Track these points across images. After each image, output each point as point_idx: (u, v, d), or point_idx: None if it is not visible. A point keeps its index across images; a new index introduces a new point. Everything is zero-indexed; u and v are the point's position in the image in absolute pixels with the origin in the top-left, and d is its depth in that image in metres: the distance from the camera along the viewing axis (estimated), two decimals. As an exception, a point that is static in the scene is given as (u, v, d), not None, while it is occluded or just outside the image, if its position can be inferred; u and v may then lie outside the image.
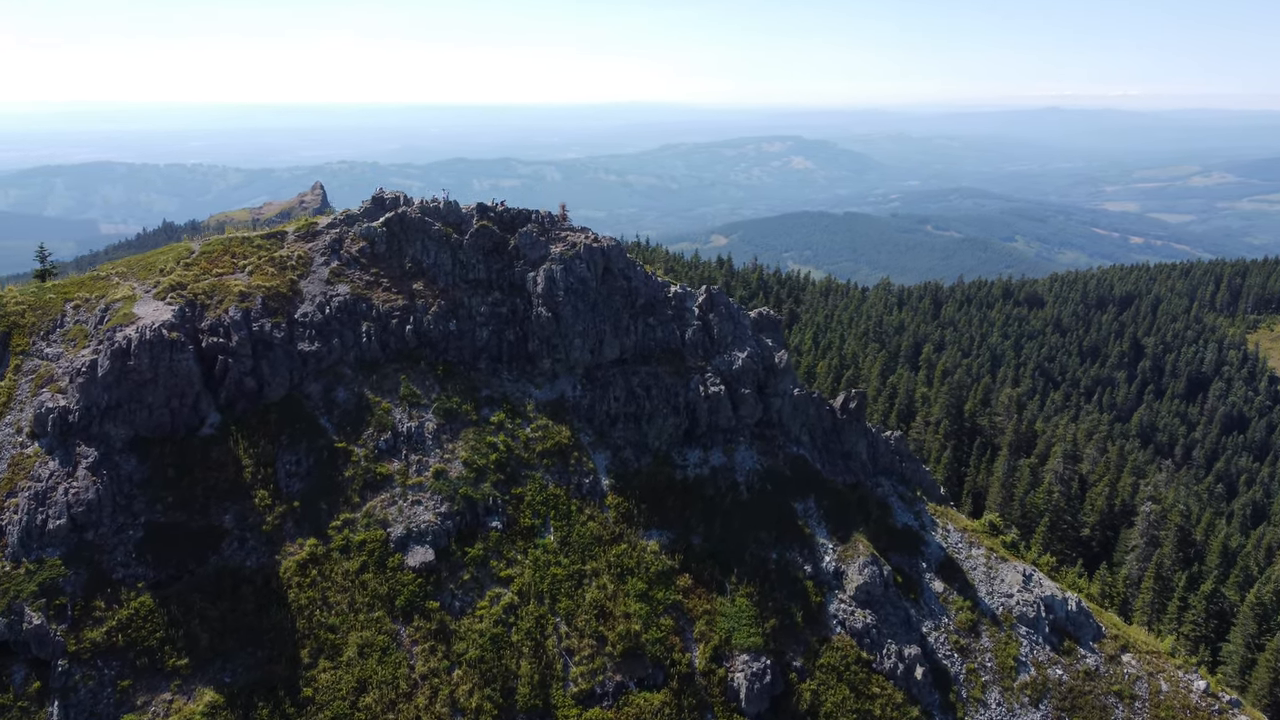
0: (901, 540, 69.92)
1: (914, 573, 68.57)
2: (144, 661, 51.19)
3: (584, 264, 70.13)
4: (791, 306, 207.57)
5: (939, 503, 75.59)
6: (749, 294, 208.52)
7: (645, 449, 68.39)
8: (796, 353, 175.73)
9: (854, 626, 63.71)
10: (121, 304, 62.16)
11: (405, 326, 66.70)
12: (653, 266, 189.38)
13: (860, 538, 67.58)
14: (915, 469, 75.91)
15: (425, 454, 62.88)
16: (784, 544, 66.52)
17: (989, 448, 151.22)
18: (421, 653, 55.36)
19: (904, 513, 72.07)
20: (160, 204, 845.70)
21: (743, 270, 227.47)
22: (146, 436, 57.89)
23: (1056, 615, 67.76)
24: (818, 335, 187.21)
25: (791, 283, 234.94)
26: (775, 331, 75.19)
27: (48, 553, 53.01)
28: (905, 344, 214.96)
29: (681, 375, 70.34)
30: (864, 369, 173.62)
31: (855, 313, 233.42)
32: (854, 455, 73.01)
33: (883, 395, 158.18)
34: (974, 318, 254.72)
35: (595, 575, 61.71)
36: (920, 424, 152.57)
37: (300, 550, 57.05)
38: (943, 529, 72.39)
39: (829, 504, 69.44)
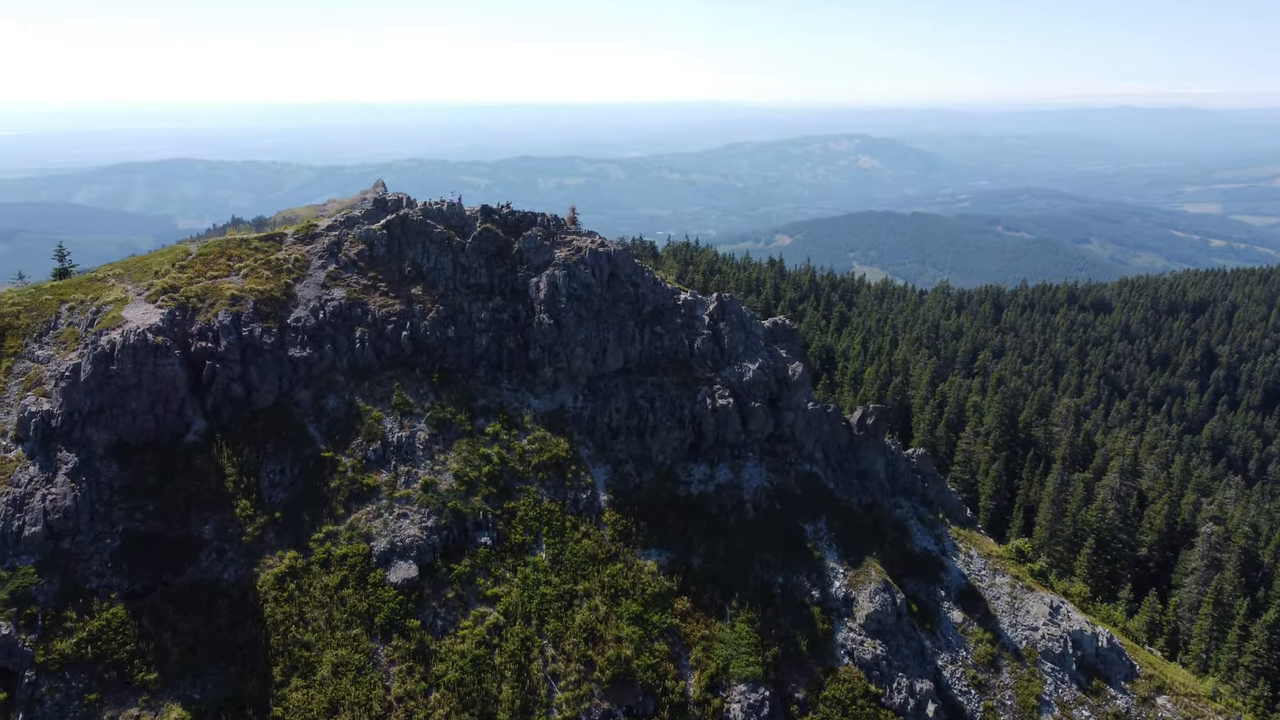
0: (919, 566, 65.94)
1: (931, 601, 64.56)
2: (113, 675, 49.89)
3: (588, 269, 67.46)
4: (843, 310, 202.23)
5: (964, 526, 71.32)
6: (799, 296, 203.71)
7: (648, 463, 65.51)
8: (844, 358, 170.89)
9: (863, 657, 60.03)
10: (112, 306, 61.25)
11: (401, 332, 64.76)
12: (696, 268, 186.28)
13: (873, 562, 63.80)
14: (939, 489, 71.73)
15: (415, 465, 60.83)
16: (791, 567, 63.06)
17: (1043, 460, 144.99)
18: (399, 673, 53.25)
19: (923, 536, 68.03)
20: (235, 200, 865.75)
21: (793, 272, 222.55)
22: (130, 443, 56.77)
23: (1085, 651, 63.19)
24: (867, 340, 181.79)
25: (845, 285, 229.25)
26: (791, 342, 71.64)
27: (22, 560, 52.07)
28: (963, 349, 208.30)
29: (688, 387, 67.25)
30: (914, 376, 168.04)
31: (911, 316, 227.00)
32: (871, 474, 69.16)
33: (931, 404, 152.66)
34: (1036, 323, 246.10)
35: (587, 596, 59.02)
36: (969, 434, 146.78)
37: (279, 563, 55.38)
38: (965, 555, 68.16)
39: (841, 525, 65.75)
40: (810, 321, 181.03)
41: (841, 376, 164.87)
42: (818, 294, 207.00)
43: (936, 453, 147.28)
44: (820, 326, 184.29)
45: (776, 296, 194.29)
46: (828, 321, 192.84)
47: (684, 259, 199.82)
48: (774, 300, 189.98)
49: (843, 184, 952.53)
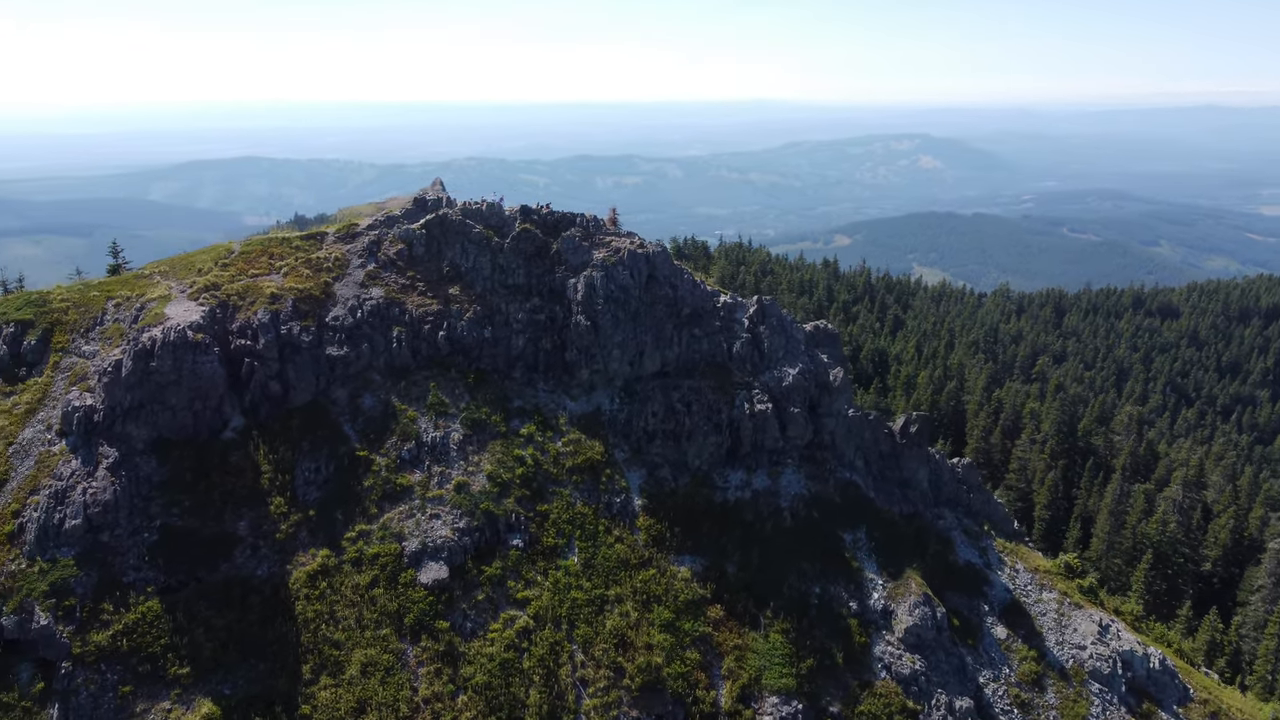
0: (962, 579, 64.12)
1: (974, 616, 62.72)
2: (146, 668, 50.51)
3: (626, 271, 66.79)
4: (897, 312, 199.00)
5: (1010, 538, 69.21)
6: (853, 298, 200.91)
7: (684, 468, 64.63)
8: (897, 361, 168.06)
9: (900, 672, 58.50)
10: (156, 303, 62.14)
11: (438, 332, 64.74)
12: (748, 268, 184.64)
13: (913, 574, 62.15)
14: (984, 500, 69.70)
15: (448, 465, 60.73)
16: (828, 577, 61.72)
17: (1102, 470, 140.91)
18: (426, 675, 53.13)
19: (967, 549, 66.14)
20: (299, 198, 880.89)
21: (848, 273, 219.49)
22: (169, 438, 57.51)
23: (1135, 673, 60.86)
24: (922, 343, 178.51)
25: (900, 287, 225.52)
26: (833, 346, 70.16)
27: (62, 552, 52.97)
28: (1022, 354, 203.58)
29: (726, 391, 66.21)
30: (969, 380, 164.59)
31: (969, 320, 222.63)
32: (913, 484, 67.43)
33: (985, 410, 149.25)
34: (1099, 328, 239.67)
35: (619, 601, 58.38)
36: (1025, 441, 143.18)
37: (312, 561, 55.63)
38: (1010, 569, 66.12)
39: (881, 536, 64.20)
40: (863, 324, 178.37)
41: (894, 380, 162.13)
42: (872, 296, 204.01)
43: (990, 460, 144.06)
44: (873, 329, 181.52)
45: (829, 298, 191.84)
46: (882, 324, 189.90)
47: (736, 259, 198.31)
48: (826, 302, 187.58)
49: (903, 184, 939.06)
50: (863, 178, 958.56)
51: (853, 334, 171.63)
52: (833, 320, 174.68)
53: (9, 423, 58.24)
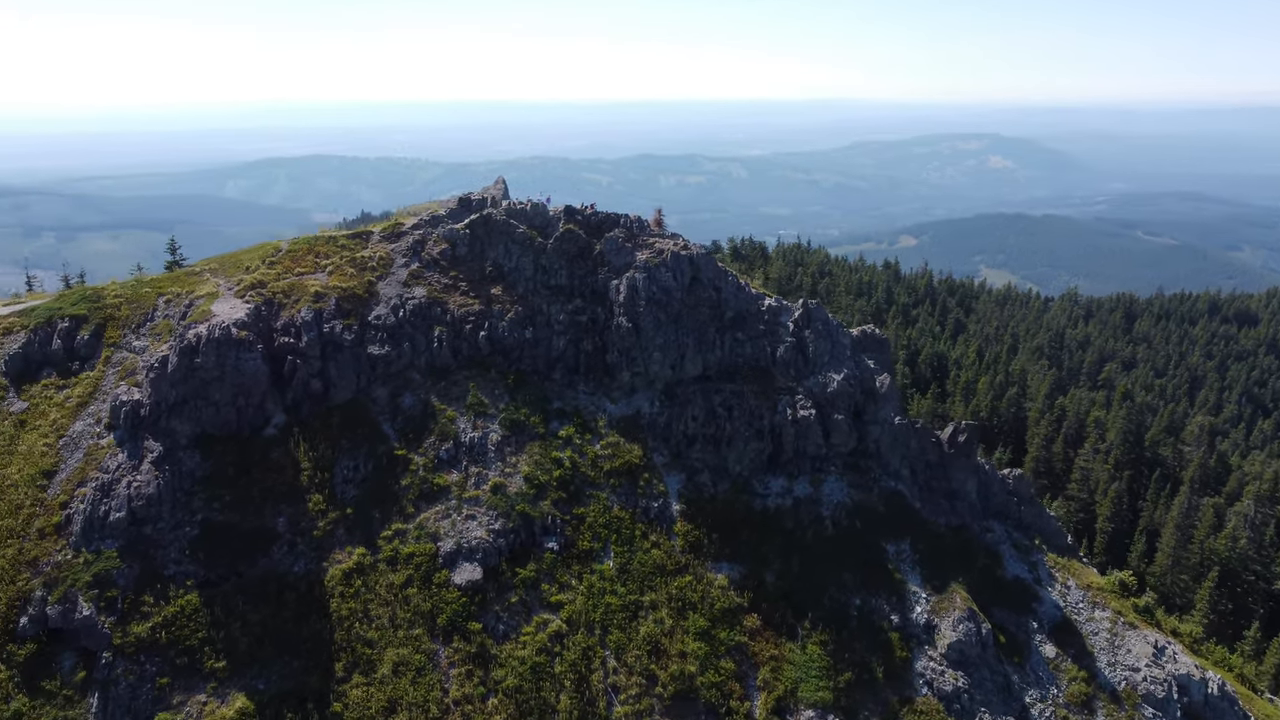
0: (1010, 594, 62.12)
1: (1021, 633, 60.70)
2: (184, 661, 51.19)
3: (669, 273, 66.01)
4: (959, 316, 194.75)
5: (1062, 554, 66.90)
6: (913, 301, 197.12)
7: (724, 474, 63.65)
8: (957, 366, 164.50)
9: (942, 689, 56.82)
10: (203, 300, 63.08)
11: (479, 333, 64.69)
12: (805, 269, 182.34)
13: (958, 589, 60.36)
14: (1036, 513, 67.47)
15: (486, 466, 60.59)
16: (869, 589, 60.24)
17: (1169, 482, 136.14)
18: (458, 676, 53.02)
19: (1016, 563, 64.08)
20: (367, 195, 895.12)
21: (908, 275, 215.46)
22: (212, 434, 58.29)
23: (1192, 698, 58.35)
24: (983, 348, 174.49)
25: (963, 290, 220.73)
26: (880, 352, 68.52)
27: (106, 544, 53.97)
28: (1089, 360, 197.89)
29: (768, 396, 65.06)
30: (1031, 387, 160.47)
31: (1034, 324, 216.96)
32: (961, 495, 65.53)
33: (1047, 417, 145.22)
34: (1172, 334, 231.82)
35: (653, 608, 57.65)
36: (1088, 450, 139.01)
37: (348, 559, 55.90)
38: (1062, 585, 63.88)
39: (926, 548, 62.48)
40: (922, 327, 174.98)
41: (953, 386, 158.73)
42: (933, 299, 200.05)
43: (1051, 470, 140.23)
44: (933, 333, 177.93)
45: (889, 300, 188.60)
46: (942, 328, 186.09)
47: (793, 260, 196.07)
48: (885, 304, 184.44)
49: (971, 184, 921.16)
50: (929, 178, 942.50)
51: (911, 337, 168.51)
52: (891, 323, 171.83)
53: (61, 416, 59.62)
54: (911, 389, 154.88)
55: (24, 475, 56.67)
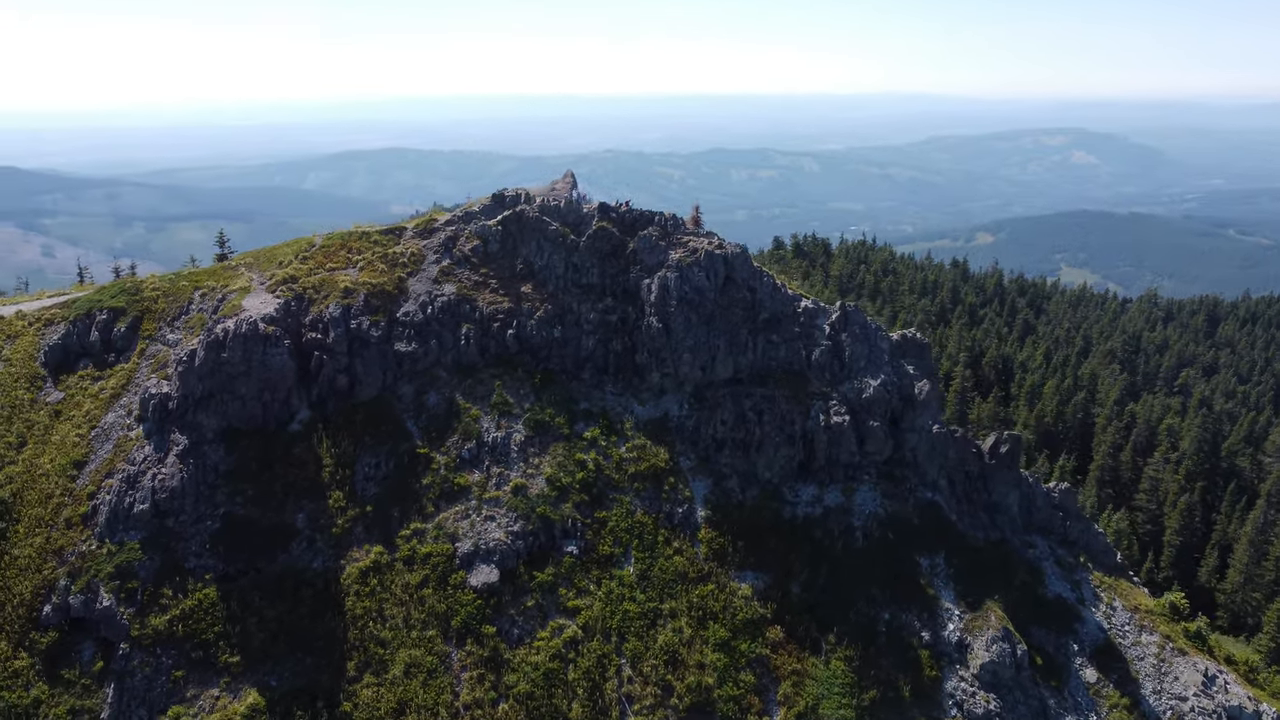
0: (1050, 614, 59.25)
1: (1060, 655, 57.83)
2: (199, 654, 51.46)
3: (702, 272, 64.42)
4: (1028, 316, 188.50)
5: (1110, 572, 63.63)
6: (981, 301, 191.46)
7: (753, 480, 61.93)
8: (1023, 369, 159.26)
9: (973, 711, 54.39)
10: (236, 295, 63.50)
11: (507, 331, 63.96)
12: (868, 267, 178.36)
13: (994, 606, 57.73)
14: (1083, 529, 64.27)
15: (508, 467, 59.84)
16: (899, 604, 57.99)
17: (1246, 495, 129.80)
18: (469, 680, 52.39)
19: (1058, 581, 61.10)
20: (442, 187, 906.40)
21: (977, 275, 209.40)
22: (239, 428, 58.56)
23: (1244, 730, 54.91)
24: (1052, 350, 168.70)
25: (1034, 289, 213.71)
26: (921, 357, 65.94)
27: (130, 535, 54.57)
28: (1166, 365, 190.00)
29: (801, 401, 63.08)
30: (1101, 392, 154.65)
31: (1108, 326, 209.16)
32: (1002, 508, 62.72)
33: (1115, 424, 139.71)
34: (1259, 339, 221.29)
35: (673, 616, 56.28)
36: (1158, 460, 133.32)
37: (365, 557, 55.66)
38: (1107, 606, 60.72)
39: (961, 562, 59.94)
40: (988, 328, 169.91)
41: (1018, 389, 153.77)
42: (1002, 299, 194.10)
43: (1118, 479, 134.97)
44: (1000, 334, 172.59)
45: (955, 300, 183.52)
46: (1010, 329, 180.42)
47: (857, 258, 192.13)
48: (951, 304, 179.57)
49: (1053, 180, 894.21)
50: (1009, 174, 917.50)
51: (976, 339, 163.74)
52: (955, 323, 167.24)
53: (94, 407, 60.58)
54: (974, 392, 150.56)
55: (55, 465, 57.69)
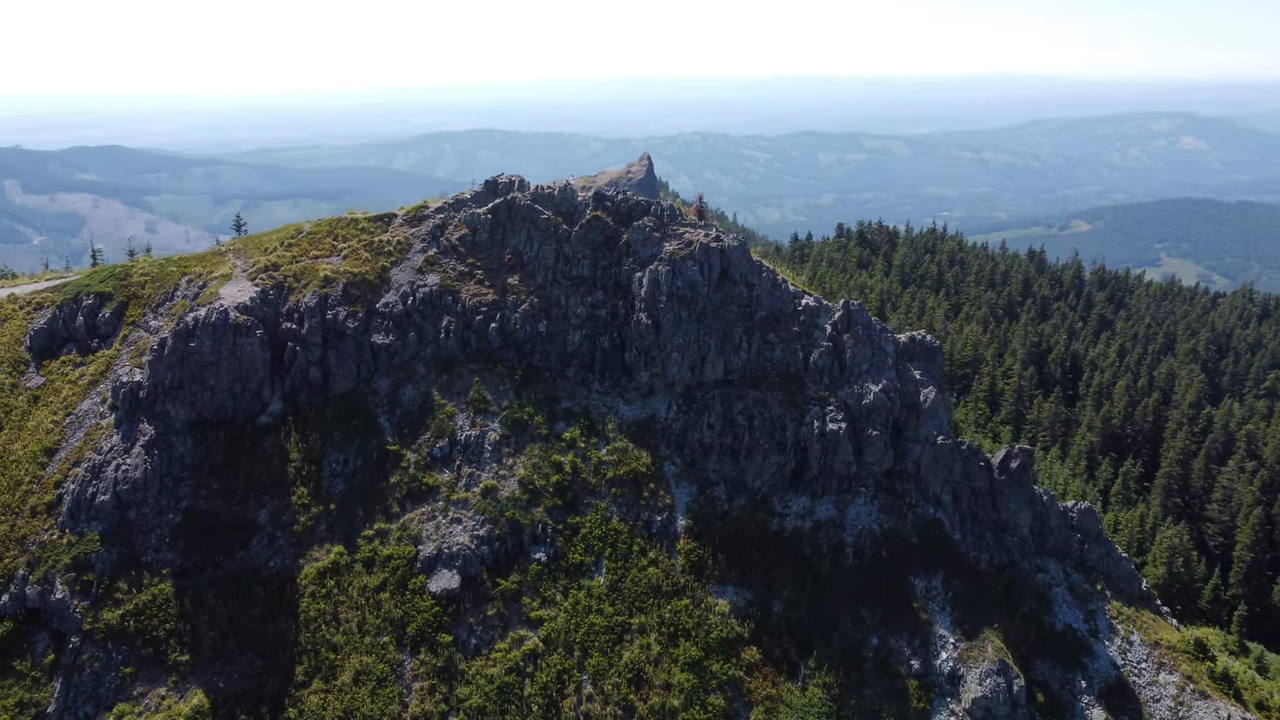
0: (1057, 647, 54.30)
1: (1065, 692, 52.91)
2: (149, 652, 50.40)
3: (696, 266, 60.73)
4: (1105, 311, 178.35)
5: (1131, 602, 58.16)
6: (1056, 293, 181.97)
7: (741, 488, 58.27)
8: (1093, 367, 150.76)
9: (962, 749, 50.05)
10: (216, 282, 62.27)
11: (490, 324, 61.37)
12: (934, 257, 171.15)
13: (992, 636, 53.08)
14: (1103, 553, 58.85)
15: (480, 467, 57.34)
16: (889, 628, 53.77)
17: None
18: (420, 691, 50.18)
19: (1069, 610, 55.99)
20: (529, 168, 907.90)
21: (1054, 266, 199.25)
22: (208, 419, 57.34)
23: (1269, 787, 49.33)
24: (1126, 348, 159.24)
25: (1116, 282, 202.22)
26: (929, 362, 61.14)
27: (91, 526, 53.76)
28: (1257, 365, 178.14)
29: (796, 405, 59.03)
30: (1177, 393, 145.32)
31: (1196, 322, 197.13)
32: (1011, 528, 57.75)
33: (1187, 428, 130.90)
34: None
35: (642, 631, 53.14)
36: (1233, 468, 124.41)
37: (325, 557, 53.88)
38: (1123, 639, 55.39)
39: (961, 586, 55.32)
40: (1056, 323, 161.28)
41: (1085, 389, 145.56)
42: (1078, 292, 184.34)
43: (1187, 487, 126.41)
44: (1072, 329, 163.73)
45: (1025, 292, 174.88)
46: (1084, 324, 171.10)
47: (923, 246, 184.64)
48: (1020, 297, 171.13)
49: (1157, 167, 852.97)
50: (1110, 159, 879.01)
51: (1043, 333, 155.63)
52: (1024, 316, 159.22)
53: (72, 393, 60.05)
54: (1037, 391, 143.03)
55: (27, 452, 57.31)
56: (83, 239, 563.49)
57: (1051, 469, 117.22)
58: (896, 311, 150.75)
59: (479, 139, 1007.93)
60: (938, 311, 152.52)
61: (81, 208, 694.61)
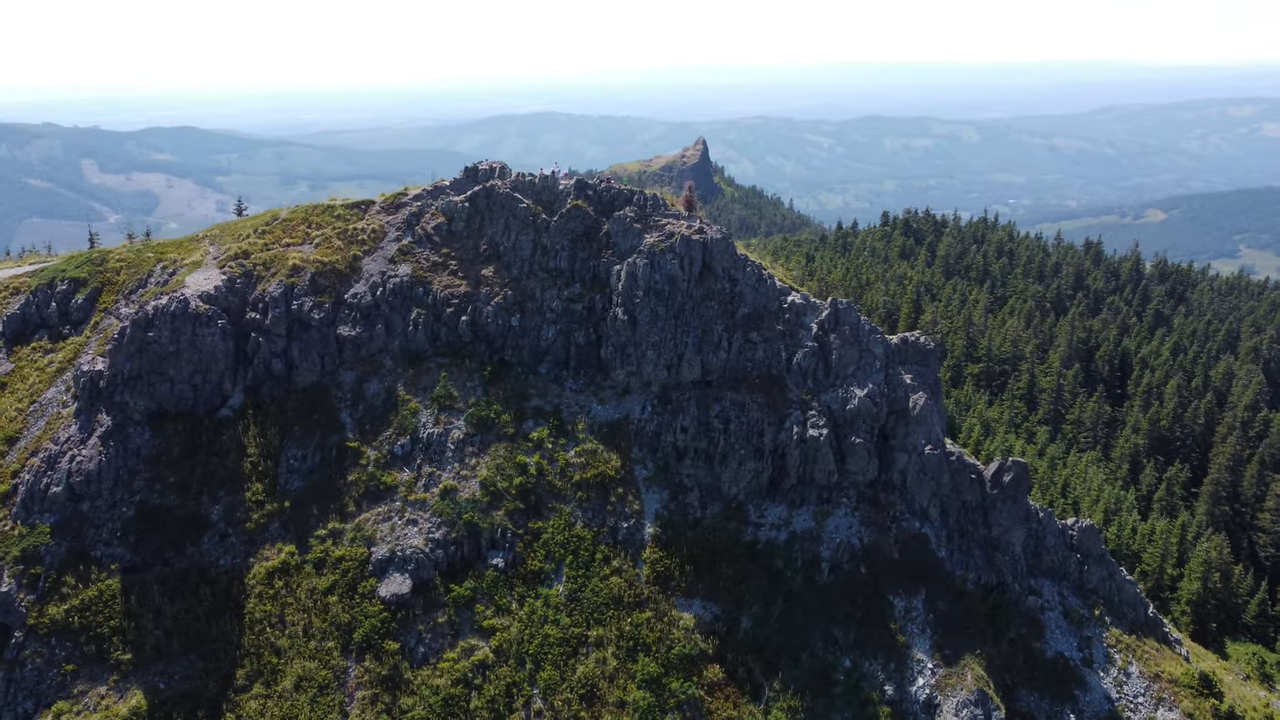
0: (1046, 676, 50.34)
1: (1052, 726, 48.99)
2: (92, 649, 49.25)
3: (676, 259, 57.56)
4: (1161, 307, 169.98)
5: (1134, 629, 53.77)
6: (1111, 287, 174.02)
7: (716, 495, 55.19)
8: (1144, 365, 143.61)
9: (934, 784, 46.57)
10: (186, 269, 60.88)
11: (461, 317, 59.03)
12: (980, 247, 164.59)
13: (973, 663, 49.32)
14: (1105, 575, 54.52)
15: (441, 467, 55.10)
16: (863, 650, 50.34)
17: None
18: (361, 700, 48.23)
19: (1062, 637, 51.90)
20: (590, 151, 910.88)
21: (1111, 258, 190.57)
22: (169, 411, 55.94)
23: (1272, 841, 44.99)
24: (1181, 346, 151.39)
25: (1177, 276, 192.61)
26: (923, 365, 57.18)
27: (44, 518, 52.79)
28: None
29: (775, 409, 55.66)
30: (1233, 395, 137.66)
31: (1263, 319, 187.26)
32: (1003, 546, 53.72)
33: (1240, 433, 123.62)
34: None
35: (599, 645, 50.50)
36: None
37: (276, 556, 52.18)
38: (1120, 671, 51.15)
39: (944, 607, 51.58)
40: (1106, 318, 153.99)
41: (1134, 388, 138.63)
42: (1135, 285, 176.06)
43: (1236, 495, 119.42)
44: (1124, 325, 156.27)
45: (1077, 285, 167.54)
46: (1139, 319, 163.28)
47: (971, 236, 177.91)
48: (1070, 291, 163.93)
49: (1238, 155, 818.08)
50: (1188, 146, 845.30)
51: (1092, 329, 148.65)
52: (1073, 310, 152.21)
53: (39, 380, 59.22)
54: (1081, 389, 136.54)
55: (-10, 440, 56.57)
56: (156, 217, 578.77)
57: (1086, 473, 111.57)
58: (935, 303, 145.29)
59: (542, 122, 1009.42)
60: (978, 304, 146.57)
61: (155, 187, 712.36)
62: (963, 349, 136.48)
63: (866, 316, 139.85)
